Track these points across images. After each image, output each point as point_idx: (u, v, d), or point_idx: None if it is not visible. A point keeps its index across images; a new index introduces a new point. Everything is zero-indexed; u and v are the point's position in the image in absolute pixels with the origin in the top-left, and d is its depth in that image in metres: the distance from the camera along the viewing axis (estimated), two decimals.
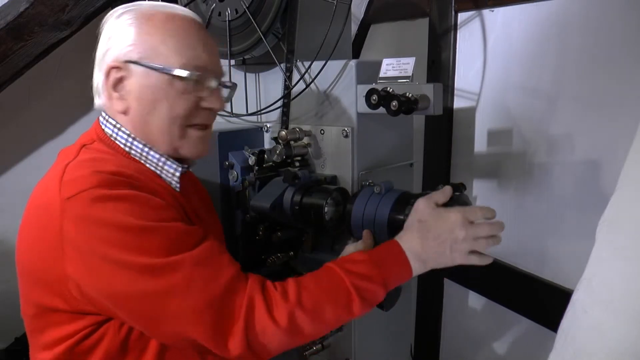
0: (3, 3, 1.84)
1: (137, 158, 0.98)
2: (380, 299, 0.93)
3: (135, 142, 0.97)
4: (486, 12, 1.58)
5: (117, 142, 0.98)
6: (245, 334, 0.84)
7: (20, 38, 1.87)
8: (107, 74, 0.95)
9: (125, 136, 0.97)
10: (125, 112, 0.97)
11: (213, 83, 0.99)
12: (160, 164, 0.98)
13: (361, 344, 1.27)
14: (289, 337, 0.87)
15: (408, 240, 0.96)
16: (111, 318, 0.89)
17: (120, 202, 0.85)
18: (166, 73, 0.94)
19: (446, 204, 1.00)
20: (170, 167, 0.99)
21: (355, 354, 1.27)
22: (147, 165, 0.98)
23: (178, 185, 1.00)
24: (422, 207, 0.99)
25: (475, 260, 0.98)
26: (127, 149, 0.97)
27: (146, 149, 0.98)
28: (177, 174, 0.99)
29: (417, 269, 0.95)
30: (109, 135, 0.98)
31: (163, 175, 0.99)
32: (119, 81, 0.95)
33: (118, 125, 0.98)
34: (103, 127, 0.99)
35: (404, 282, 0.98)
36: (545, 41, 1.41)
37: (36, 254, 0.89)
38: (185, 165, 1.02)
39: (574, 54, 1.36)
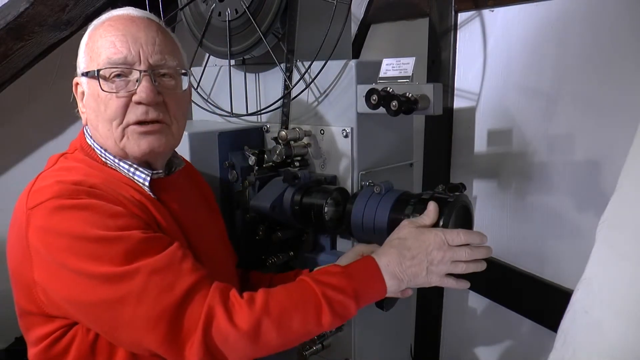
0: (3, 3, 1.84)
1: (113, 167, 0.99)
2: (352, 314, 0.92)
3: (107, 153, 0.98)
4: (486, 12, 1.58)
5: (95, 151, 0.99)
6: (204, 344, 0.84)
7: (20, 38, 1.87)
8: (75, 89, 1.00)
9: (99, 147, 0.99)
10: (86, 124, 1.00)
11: (135, 74, 0.94)
12: (130, 174, 0.98)
13: (361, 344, 1.27)
14: (253, 344, 0.86)
15: (385, 257, 0.95)
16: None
17: (79, 211, 0.86)
18: (93, 77, 0.95)
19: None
20: (139, 176, 0.98)
21: (355, 354, 1.26)
22: (123, 173, 0.98)
23: (151, 193, 0.99)
24: (404, 225, 0.98)
25: (451, 284, 0.98)
26: (103, 158, 0.99)
27: (117, 159, 0.98)
28: (147, 183, 0.98)
29: (392, 286, 0.95)
30: (90, 144, 1.00)
31: (138, 183, 0.99)
32: (82, 94, 0.99)
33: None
34: (86, 136, 1.01)
35: (377, 300, 0.97)
36: (545, 41, 1.41)
37: (14, 259, 0.92)
38: (158, 171, 1.01)
39: (574, 54, 1.35)
